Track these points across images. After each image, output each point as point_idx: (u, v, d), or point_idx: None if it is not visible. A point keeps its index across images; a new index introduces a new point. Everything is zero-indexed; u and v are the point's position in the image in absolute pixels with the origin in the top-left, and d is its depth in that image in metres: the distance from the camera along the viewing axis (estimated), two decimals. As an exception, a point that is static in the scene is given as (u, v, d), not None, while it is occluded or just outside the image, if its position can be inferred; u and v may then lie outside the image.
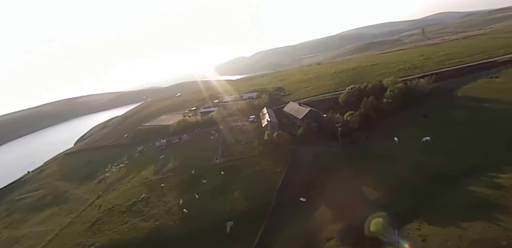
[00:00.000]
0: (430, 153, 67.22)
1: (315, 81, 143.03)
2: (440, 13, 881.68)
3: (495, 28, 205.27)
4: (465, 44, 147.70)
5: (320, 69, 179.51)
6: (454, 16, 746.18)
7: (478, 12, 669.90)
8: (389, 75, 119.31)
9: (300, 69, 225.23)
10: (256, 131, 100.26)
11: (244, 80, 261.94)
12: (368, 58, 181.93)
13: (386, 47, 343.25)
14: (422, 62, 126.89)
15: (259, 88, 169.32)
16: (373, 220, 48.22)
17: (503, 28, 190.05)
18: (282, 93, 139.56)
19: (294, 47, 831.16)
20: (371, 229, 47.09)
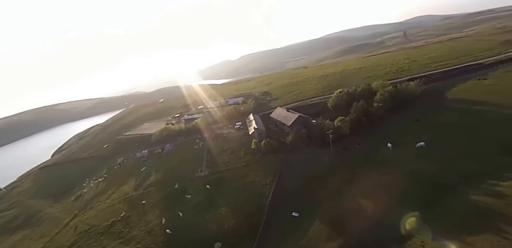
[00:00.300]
0: (425, 159, 64.45)
1: (302, 85, 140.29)
2: (420, 16, 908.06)
3: (476, 31, 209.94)
4: (450, 47, 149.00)
5: (307, 73, 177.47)
6: (434, 19, 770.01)
7: (457, 16, 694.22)
8: (377, 78, 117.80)
9: (286, 72, 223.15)
10: (243, 139, 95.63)
11: (229, 85, 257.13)
12: (354, 61, 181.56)
13: (371, 49, 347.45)
14: (409, 65, 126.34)
15: (245, 92, 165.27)
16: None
17: (484, 31, 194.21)
18: (269, 97, 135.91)
19: (280, 50, 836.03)
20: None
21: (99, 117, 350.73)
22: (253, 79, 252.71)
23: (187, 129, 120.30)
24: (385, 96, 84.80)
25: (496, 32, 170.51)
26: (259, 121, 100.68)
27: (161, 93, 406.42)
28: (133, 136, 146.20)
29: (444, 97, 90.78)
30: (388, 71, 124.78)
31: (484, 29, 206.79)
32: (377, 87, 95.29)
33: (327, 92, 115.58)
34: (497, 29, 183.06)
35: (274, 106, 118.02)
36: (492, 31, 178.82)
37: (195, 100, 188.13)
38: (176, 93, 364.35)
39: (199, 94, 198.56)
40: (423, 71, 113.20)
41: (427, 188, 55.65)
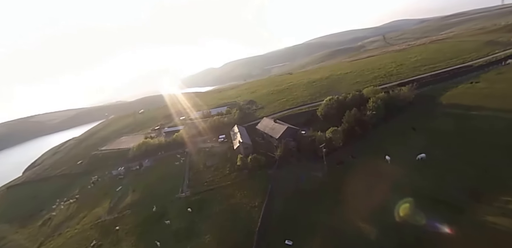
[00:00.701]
0: (428, 173, 58.47)
1: (289, 93, 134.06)
2: (397, 21, 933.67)
3: (456, 32, 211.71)
4: (434, 49, 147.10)
5: (292, 79, 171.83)
6: (410, 23, 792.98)
7: (432, 19, 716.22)
8: (366, 83, 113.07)
9: (271, 79, 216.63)
10: (228, 154, 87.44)
11: (213, 93, 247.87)
12: (340, 66, 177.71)
13: (353, 53, 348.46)
14: (397, 69, 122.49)
15: (229, 101, 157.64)
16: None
17: (464, 32, 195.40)
18: (254, 106, 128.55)
19: (263, 57, 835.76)
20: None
21: (78, 129, 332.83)
22: (238, 86, 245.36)
23: (167, 143, 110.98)
24: (378, 103, 79.14)
25: (476, 32, 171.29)
26: (245, 134, 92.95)
27: (143, 103, 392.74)
28: (110, 151, 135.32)
29: (438, 103, 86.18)
30: (376, 75, 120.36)
31: (464, 31, 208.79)
32: (368, 93, 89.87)
33: (315, 100, 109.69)
34: (477, 30, 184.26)
35: (260, 115, 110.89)
36: (473, 32, 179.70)
37: (177, 110, 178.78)
38: (159, 102, 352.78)
39: (181, 104, 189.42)
40: (412, 75, 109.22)
41: (433, 207, 49.49)
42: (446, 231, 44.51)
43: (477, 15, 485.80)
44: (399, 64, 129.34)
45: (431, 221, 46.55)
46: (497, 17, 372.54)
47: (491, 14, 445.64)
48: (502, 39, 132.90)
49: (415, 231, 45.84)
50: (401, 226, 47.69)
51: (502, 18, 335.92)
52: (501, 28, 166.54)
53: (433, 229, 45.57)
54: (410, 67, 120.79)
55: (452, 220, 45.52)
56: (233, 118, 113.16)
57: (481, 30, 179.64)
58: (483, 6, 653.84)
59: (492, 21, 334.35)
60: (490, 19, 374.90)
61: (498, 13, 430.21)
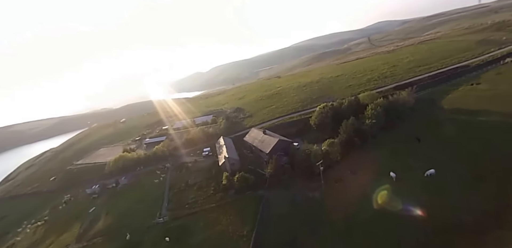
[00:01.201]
0: (439, 193, 49.98)
1: (278, 98, 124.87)
2: (380, 22, 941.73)
3: (444, 32, 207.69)
4: (425, 49, 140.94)
5: (281, 83, 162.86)
6: (393, 24, 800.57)
7: (413, 20, 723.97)
8: (359, 87, 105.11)
9: (259, 83, 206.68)
10: (212, 170, 77.15)
11: (199, 99, 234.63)
12: (329, 69, 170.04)
13: (341, 56, 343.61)
14: (391, 71, 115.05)
15: (215, 109, 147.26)
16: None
17: (452, 32, 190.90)
18: (242, 114, 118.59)
19: (250, 60, 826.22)
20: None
21: (59, 138, 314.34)
22: (225, 92, 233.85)
23: (146, 157, 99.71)
24: (377, 111, 70.50)
25: (465, 32, 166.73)
26: (231, 146, 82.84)
27: (127, 110, 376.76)
28: (85, 165, 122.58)
29: (440, 107, 78.46)
30: (369, 78, 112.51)
31: (451, 31, 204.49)
32: (364, 99, 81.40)
33: (307, 106, 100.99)
34: (464, 30, 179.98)
35: (248, 125, 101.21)
36: (461, 31, 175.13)
37: (160, 119, 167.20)
38: (145, 109, 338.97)
39: (165, 112, 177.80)
40: (408, 77, 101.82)
41: (447, 237, 41.19)
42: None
43: (457, 15, 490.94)
44: (392, 65, 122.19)
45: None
46: (477, 17, 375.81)
47: (470, 13, 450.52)
48: (494, 38, 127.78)
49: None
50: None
51: (483, 17, 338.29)
52: (488, 27, 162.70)
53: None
54: (404, 68, 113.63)
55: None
56: (219, 128, 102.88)
57: (469, 29, 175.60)
58: (461, 6, 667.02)
59: (473, 20, 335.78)
60: (471, 18, 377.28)
61: (477, 13, 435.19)
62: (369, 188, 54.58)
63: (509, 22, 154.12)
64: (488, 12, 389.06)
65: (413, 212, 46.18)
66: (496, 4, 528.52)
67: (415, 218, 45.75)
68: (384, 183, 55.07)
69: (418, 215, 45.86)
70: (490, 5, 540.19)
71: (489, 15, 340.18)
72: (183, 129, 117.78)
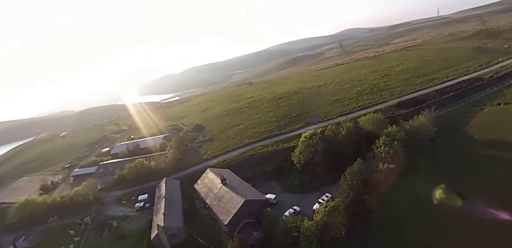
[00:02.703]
0: None
1: (248, 114, 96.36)
2: (349, 29, 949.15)
3: (424, 39, 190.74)
4: (414, 57, 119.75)
5: (253, 93, 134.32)
6: (361, 31, 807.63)
7: (381, 28, 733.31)
8: (350, 102, 79.81)
9: (228, 92, 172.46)
10: (143, 241, 47.34)
11: (159, 107, 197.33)
12: (308, 76, 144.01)
13: (315, 61, 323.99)
14: (384, 81, 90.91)
15: (171, 124, 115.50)
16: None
17: (432, 39, 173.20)
18: (202, 136, 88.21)
19: (224, 63, 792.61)
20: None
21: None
22: (189, 100, 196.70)
23: (61, 203, 67.11)
24: (395, 148, 44.79)
25: (449, 39, 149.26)
26: (175, 199, 52.99)
27: (87, 115, 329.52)
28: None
29: (468, 137, 54.53)
30: (360, 90, 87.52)
31: (431, 37, 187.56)
32: (367, 124, 55.47)
33: (286, 128, 73.83)
34: (447, 37, 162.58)
35: (206, 154, 71.84)
36: (444, 39, 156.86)
37: (105, 135, 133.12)
38: (105, 115, 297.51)
39: (116, 125, 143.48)
40: (409, 90, 77.99)
41: None
42: None
43: (422, 25, 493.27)
44: (384, 75, 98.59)
45: None
46: (443, 26, 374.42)
47: (435, 23, 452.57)
48: (492, 46, 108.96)
49: None
50: None
51: (449, 26, 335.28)
52: (473, 34, 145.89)
53: None
54: (399, 78, 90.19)
55: None
56: (165, 160, 72.35)
57: (452, 36, 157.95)
58: (422, 17, 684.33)
59: (441, 29, 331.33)
60: (437, 27, 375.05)
61: (441, 23, 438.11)
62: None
63: (496, 30, 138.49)
64: (452, 22, 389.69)
65: None
66: (457, 15, 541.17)
67: None
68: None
69: None
70: (450, 16, 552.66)
71: (455, 24, 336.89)
72: (120, 158, 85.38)
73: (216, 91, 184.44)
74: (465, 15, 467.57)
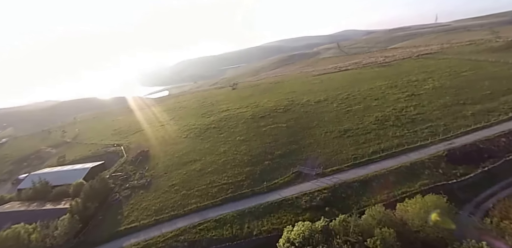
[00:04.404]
0: None
1: (214, 142, 63.24)
2: (347, 30, 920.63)
3: (441, 46, 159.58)
4: (444, 69, 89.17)
5: (231, 103, 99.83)
6: (359, 33, 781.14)
7: (378, 31, 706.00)
8: (367, 140, 49.78)
9: (204, 97, 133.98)
10: None
11: (109, 118, 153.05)
12: (306, 84, 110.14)
13: (311, 60, 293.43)
14: (414, 106, 60.83)
15: (114, 144, 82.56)
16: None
17: (450, 47, 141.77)
18: (139, 175, 56.52)
19: (218, 57, 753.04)
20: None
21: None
22: (152, 105, 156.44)
23: None
24: None
25: (474, 49, 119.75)
26: None
27: (63, 109, 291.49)
28: None
29: None
30: (380, 117, 57.14)
31: (449, 45, 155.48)
32: (416, 217, 25.95)
33: (261, 182, 43.39)
34: (469, 46, 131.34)
35: (124, 224, 41.27)
36: (468, 48, 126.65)
37: (43, 148, 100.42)
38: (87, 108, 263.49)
39: (59, 138, 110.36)
40: (458, 127, 48.59)
41: None
42: None
43: (422, 31, 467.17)
44: (410, 94, 68.46)
45: None
46: (448, 33, 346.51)
47: (436, 30, 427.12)
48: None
49: None
50: None
51: (455, 34, 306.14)
52: (510, 46, 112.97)
53: None
54: (436, 104, 60.07)
55: None
56: (59, 233, 40.43)
57: (475, 45, 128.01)
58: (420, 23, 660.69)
59: (446, 36, 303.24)
60: (442, 34, 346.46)
61: (444, 30, 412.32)
62: None
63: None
64: (457, 30, 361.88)
65: None
66: (457, 23, 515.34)
67: None
68: None
69: None
70: (450, 24, 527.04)
71: (462, 33, 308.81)
72: (24, 200, 53.24)
73: (184, 99, 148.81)
74: (466, 24, 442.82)
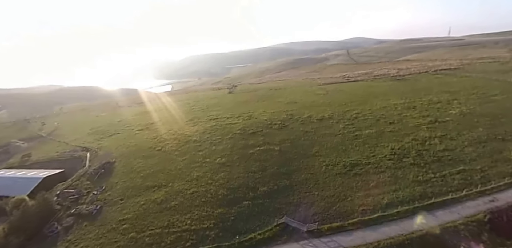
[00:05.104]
0: None
1: (189, 161, 50.72)
2: (357, 38, 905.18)
3: (463, 61, 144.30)
4: (469, 90, 76.59)
5: (222, 110, 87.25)
6: (370, 42, 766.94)
7: (389, 41, 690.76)
8: (379, 182, 38.01)
9: (196, 99, 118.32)
10: None
11: (96, 112, 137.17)
12: (309, 93, 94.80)
13: (318, 66, 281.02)
14: (439, 137, 48.44)
15: (84, 146, 69.94)
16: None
17: (478, 65, 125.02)
18: (93, 194, 43.83)
19: (225, 55, 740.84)
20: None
21: None
22: (140, 104, 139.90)
23: None
24: None
25: (499, 68, 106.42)
26: None
27: (61, 96, 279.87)
28: None
29: None
30: (396, 150, 44.48)
31: (469, 60, 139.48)
32: None
33: (233, 235, 31.59)
34: (493, 63, 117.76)
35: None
36: (491, 66, 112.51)
37: (13, 141, 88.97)
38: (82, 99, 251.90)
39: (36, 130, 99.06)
40: (500, 176, 36.85)
41: None
42: None
43: (434, 43, 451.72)
44: (433, 120, 56.26)
45: None
46: (465, 49, 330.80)
47: (448, 44, 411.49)
48: None
49: None
50: None
51: (472, 50, 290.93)
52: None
53: None
54: (467, 137, 47.96)
55: None
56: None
57: (500, 64, 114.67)
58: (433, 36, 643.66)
59: (461, 52, 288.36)
60: (456, 49, 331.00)
61: (457, 44, 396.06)
62: None
63: None
64: (471, 45, 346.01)
65: None
66: (470, 38, 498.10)
67: None
68: None
69: None
70: (464, 38, 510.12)
71: (476, 48, 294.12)
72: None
73: (189, 93, 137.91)
74: (480, 40, 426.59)
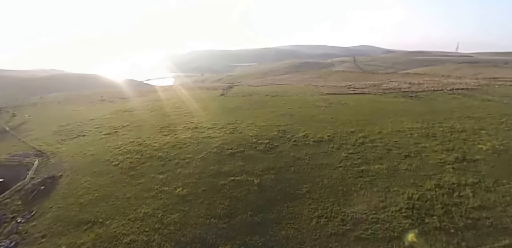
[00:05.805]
0: None
1: (141, 193, 39.39)
2: (364, 46, 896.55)
3: (480, 82, 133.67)
4: (491, 118, 66.34)
5: (207, 117, 70.54)
6: (377, 51, 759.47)
7: (397, 51, 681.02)
8: None
9: (175, 106, 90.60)
10: None
11: (81, 104, 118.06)
12: (307, 103, 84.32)
13: (324, 72, 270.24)
14: (470, 185, 37.15)
15: (37, 148, 58.85)
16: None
17: (499, 88, 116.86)
18: (16, 222, 32.61)
19: (230, 53, 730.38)
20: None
21: None
22: (128, 99, 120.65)
23: None
24: None
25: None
26: None
27: (57, 81, 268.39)
28: None
29: None
30: (416, 201, 34.38)
31: (488, 82, 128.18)
32: None
33: None
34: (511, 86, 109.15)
35: None
36: (510, 89, 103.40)
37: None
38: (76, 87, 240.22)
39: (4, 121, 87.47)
40: None
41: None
42: None
43: (442, 58, 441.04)
44: (459, 158, 43.68)
45: None
46: (476, 66, 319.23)
47: (457, 59, 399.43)
48: None
49: None
50: None
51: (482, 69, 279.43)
52: None
53: None
54: (507, 189, 37.52)
55: None
56: None
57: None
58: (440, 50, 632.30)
59: (472, 69, 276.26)
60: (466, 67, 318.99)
61: (466, 61, 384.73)
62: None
63: None
64: (481, 64, 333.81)
65: None
66: (479, 56, 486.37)
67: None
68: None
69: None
70: (473, 55, 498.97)
71: (487, 67, 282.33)
72: None
73: (181, 90, 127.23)
74: (490, 58, 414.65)
